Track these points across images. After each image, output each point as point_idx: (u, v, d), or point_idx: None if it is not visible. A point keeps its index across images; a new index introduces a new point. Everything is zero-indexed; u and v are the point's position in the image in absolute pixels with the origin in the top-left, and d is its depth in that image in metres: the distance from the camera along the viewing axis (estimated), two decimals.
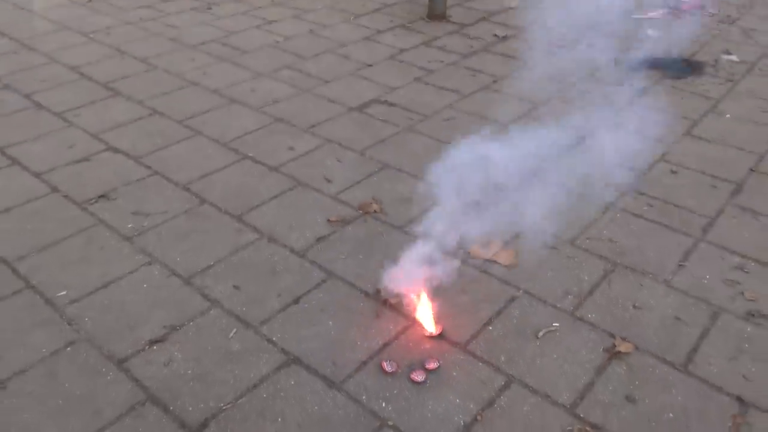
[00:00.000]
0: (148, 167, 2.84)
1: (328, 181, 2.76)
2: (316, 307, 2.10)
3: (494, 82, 3.73)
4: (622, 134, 3.15)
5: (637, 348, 1.97)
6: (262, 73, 3.79)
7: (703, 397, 1.83)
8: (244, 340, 1.98)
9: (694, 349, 1.97)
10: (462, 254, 2.32)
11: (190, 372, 1.87)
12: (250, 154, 2.95)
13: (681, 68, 3.98)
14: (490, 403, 1.79)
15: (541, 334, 2.01)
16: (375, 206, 2.57)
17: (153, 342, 1.96)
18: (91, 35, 4.32)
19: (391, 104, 3.44)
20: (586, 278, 2.24)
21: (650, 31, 4.54)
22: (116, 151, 2.97)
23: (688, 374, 1.89)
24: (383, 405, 1.78)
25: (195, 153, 2.96)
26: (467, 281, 2.21)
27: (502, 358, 1.93)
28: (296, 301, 2.13)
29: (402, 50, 4.16)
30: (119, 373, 1.86)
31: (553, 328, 2.03)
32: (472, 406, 1.78)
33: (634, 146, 3.05)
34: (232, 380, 1.84)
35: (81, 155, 2.92)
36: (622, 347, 1.96)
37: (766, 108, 3.46)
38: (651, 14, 4.90)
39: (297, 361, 1.91)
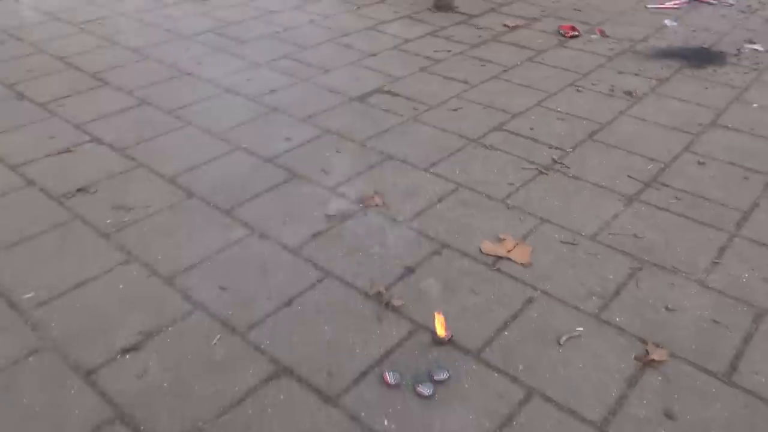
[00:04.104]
0: (133, 159, 2.63)
1: (326, 172, 2.54)
2: (311, 309, 1.88)
3: (504, 71, 3.51)
4: (642, 125, 2.93)
5: (672, 355, 1.74)
6: (259, 62, 3.58)
7: (752, 410, 1.59)
8: (229, 348, 1.75)
9: (738, 356, 1.74)
10: (472, 250, 2.10)
11: (166, 385, 1.65)
12: (243, 145, 2.73)
13: (702, 58, 3.74)
14: (509, 420, 1.56)
15: (563, 339, 1.78)
16: (377, 199, 2.35)
17: (126, 350, 1.74)
18: (83, 26, 4.13)
19: (395, 94, 3.22)
20: (611, 277, 2.02)
21: (667, 22, 4.31)
22: (100, 142, 2.76)
23: (732, 385, 1.66)
24: (385, 423, 1.55)
25: (184, 144, 2.75)
26: (478, 280, 1.99)
27: (521, 368, 1.70)
28: (288, 303, 1.90)
29: (407, 40, 3.94)
30: (85, 387, 1.63)
31: (576, 333, 1.80)
32: (487, 424, 1.55)
33: (656, 136, 2.83)
34: (214, 394, 1.62)
35: (62, 147, 2.72)
36: (656, 354, 1.73)
37: None
38: (667, 4, 4.68)
39: (288, 371, 1.68)
